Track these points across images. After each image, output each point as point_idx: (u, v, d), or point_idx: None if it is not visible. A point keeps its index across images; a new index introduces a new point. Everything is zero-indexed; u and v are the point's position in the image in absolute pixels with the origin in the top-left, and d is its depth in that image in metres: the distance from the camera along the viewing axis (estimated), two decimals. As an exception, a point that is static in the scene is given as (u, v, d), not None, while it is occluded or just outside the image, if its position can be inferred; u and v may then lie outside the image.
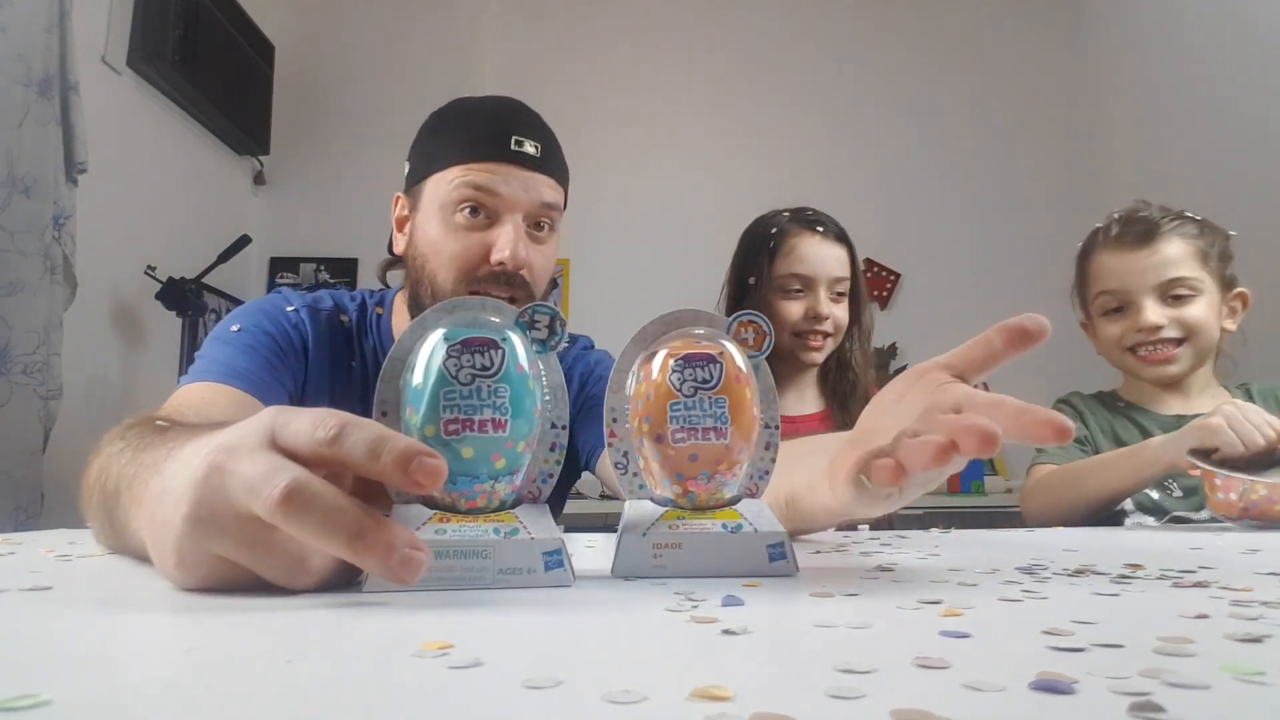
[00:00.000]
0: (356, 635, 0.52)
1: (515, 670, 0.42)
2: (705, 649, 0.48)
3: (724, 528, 0.79)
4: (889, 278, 5.39)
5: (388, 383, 0.77)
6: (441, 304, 0.80)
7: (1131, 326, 2.04)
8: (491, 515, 0.74)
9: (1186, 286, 2.00)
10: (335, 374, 1.58)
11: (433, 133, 1.60)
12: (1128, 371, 2.15)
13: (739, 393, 0.80)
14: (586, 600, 0.66)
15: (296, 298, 1.61)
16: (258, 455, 0.62)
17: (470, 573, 0.70)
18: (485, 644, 0.48)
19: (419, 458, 0.62)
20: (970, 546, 1.13)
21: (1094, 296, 2.12)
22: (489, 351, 0.73)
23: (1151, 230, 2.02)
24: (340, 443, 0.62)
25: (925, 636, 0.51)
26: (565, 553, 0.73)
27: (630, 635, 0.53)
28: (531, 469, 0.78)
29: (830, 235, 2.27)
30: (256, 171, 5.02)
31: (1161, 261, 2.00)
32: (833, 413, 2.29)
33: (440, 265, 1.52)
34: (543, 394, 0.79)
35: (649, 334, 0.86)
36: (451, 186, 1.51)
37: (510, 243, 1.49)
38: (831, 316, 2.22)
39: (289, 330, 1.54)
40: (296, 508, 0.59)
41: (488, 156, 1.52)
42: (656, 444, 0.80)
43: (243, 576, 0.64)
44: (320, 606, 0.61)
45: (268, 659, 0.45)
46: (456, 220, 1.51)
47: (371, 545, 0.59)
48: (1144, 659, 0.44)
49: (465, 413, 0.72)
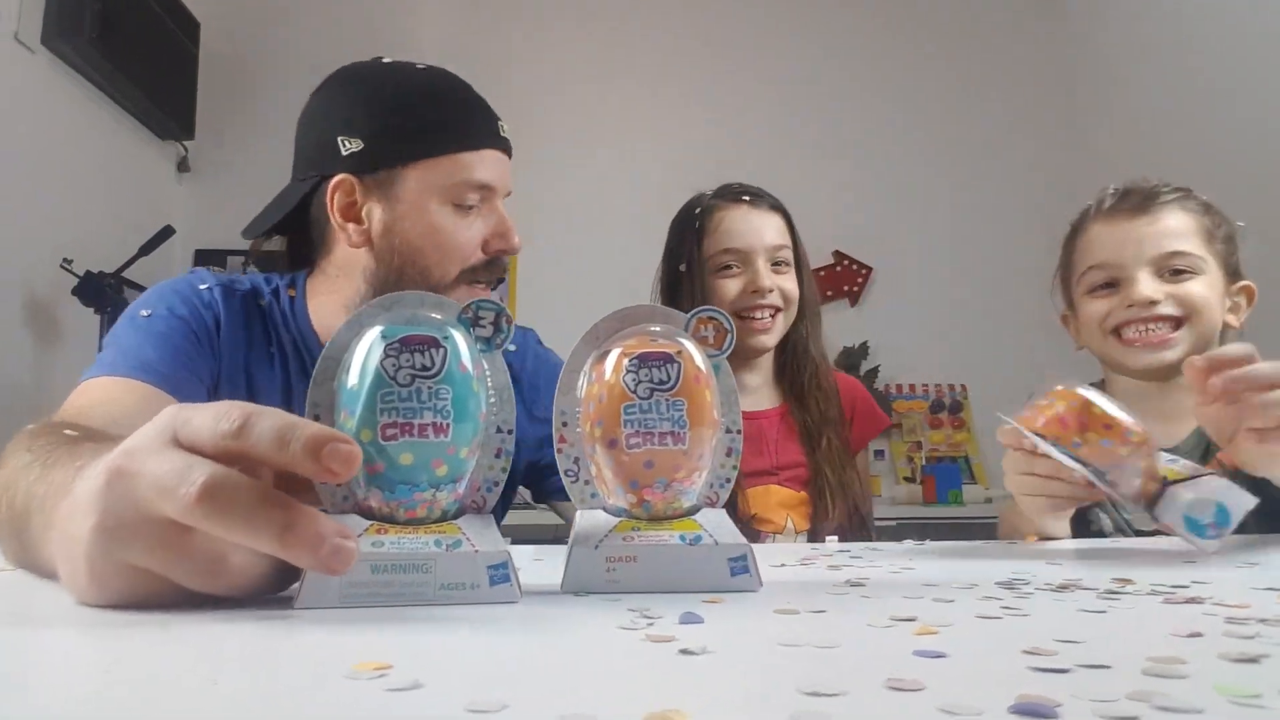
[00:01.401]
0: (286, 653, 0.51)
1: (457, 693, 0.42)
2: (661, 670, 0.48)
3: (682, 539, 0.79)
4: (860, 272, 5.38)
5: (320, 385, 0.76)
6: (378, 299, 0.80)
7: (1122, 302, 1.84)
8: (432, 526, 0.74)
9: (1187, 262, 1.82)
10: (253, 358, 1.57)
11: (398, 110, 1.58)
12: (1111, 364, 1.95)
13: (698, 394, 0.80)
14: (534, 617, 0.65)
15: (211, 276, 1.60)
16: (162, 454, 0.61)
17: (410, 588, 0.69)
18: (425, 664, 0.48)
19: (331, 444, 0.61)
20: (946, 559, 1.14)
21: (1081, 275, 1.94)
22: (429, 350, 0.73)
23: (1151, 198, 1.88)
24: (246, 434, 0.62)
25: (898, 656, 0.50)
26: (511, 567, 0.72)
27: (581, 655, 0.53)
28: (475, 477, 0.78)
29: (761, 204, 2.21)
30: (180, 157, 4.96)
31: (1161, 232, 1.84)
32: (790, 408, 2.21)
33: (441, 258, 1.54)
34: (487, 396, 0.78)
35: (601, 331, 0.86)
36: (455, 176, 1.53)
37: (508, 226, 1.57)
38: (777, 288, 2.13)
39: (201, 311, 1.53)
40: (218, 505, 0.59)
41: (484, 144, 1.56)
42: (609, 450, 0.80)
43: (159, 588, 0.63)
44: (247, 621, 0.60)
45: (192, 678, 0.45)
46: (456, 210, 1.54)
47: (301, 537, 0.59)
48: (1132, 680, 0.44)
49: (404, 416, 0.71)
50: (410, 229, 1.55)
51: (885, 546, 1.36)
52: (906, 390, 5.16)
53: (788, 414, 2.21)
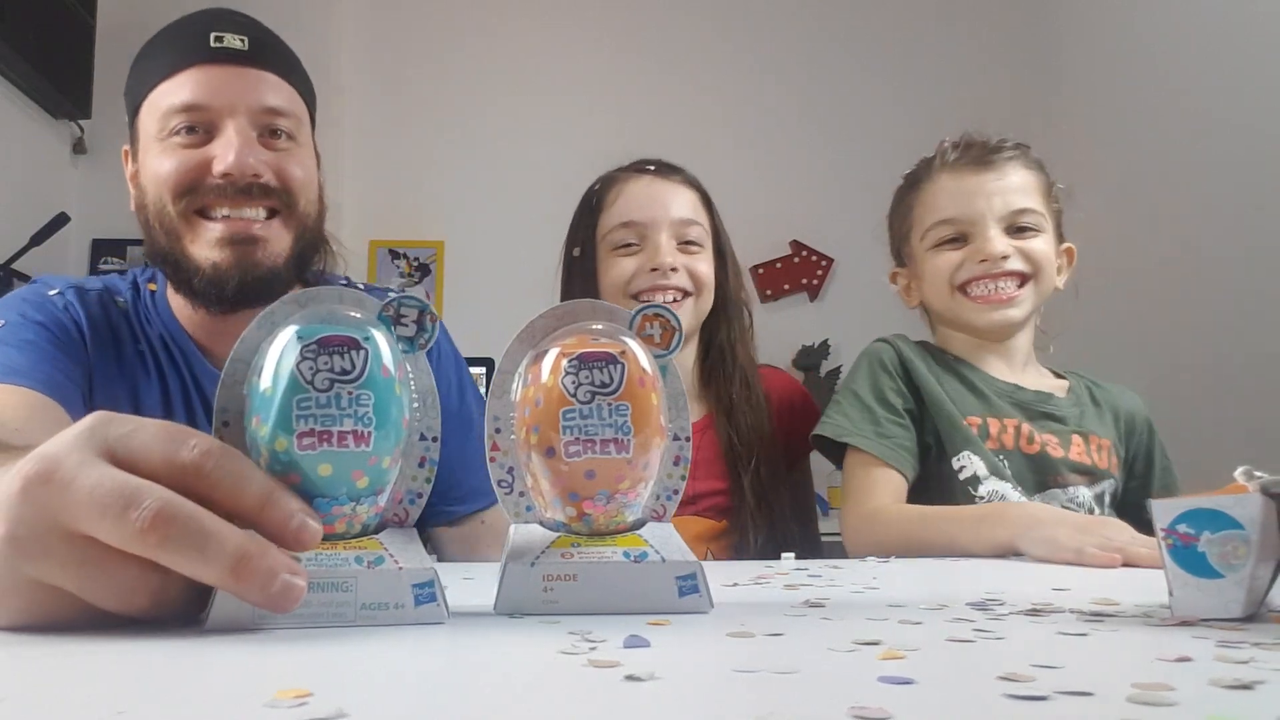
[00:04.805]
0: (199, 680, 0.51)
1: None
2: (605, 698, 0.48)
3: (626, 556, 0.78)
4: (820, 264, 5.39)
5: (229, 388, 0.75)
6: (291, 295, 0.79)
7: (973, 256, 1.96)
8: (353, 542, 0.73)
9: (1033, 219, 1.98)
10: (122, 361, 1.57)
11: (133, 67, 1.61)
12: (954, 321, 2.06)
13: (643, 398, 0.79)
14: (467, 641, 0.65)
15: (58, 281, 1.59)
16: (96, 469, 0.61)
17: (328, 608, 0.69)
18: (349, 692, 0.48)
19: (301, 518, 0.64)
20: (913, 578, 1.14)
21: (926, 229, 2.04)
22: (349, 352, 0.71)
23: (995, 151, 2.02)
24: (204, 473, 0.63)
25: (862, 683, 0.50)
26: (438, 585, 0.72)
27: (518, 682, 0.53)
28: (398, 488, 0.78)
29: (670, 175, 2.10)
30: (76, 138, 4.89)
31: (1009, 187, 1.98)
32: (714, 421, 2.10)
33: (160, 191, 1.52)
34: (411, 401, 0.78)
35: (538, 330, 0.86)
36: (158, 110, 1.52)
37: (232, 147, 1.49)
38: (683, 268, 2.01)
39: (59, 316, 1.52)
40: (170, 534, 0.59)
41: (186, 64, 1.52)
42: (547, 459, 0.79)
43: (62, 608, 0.63)
44: (156, 644, 0.60)
45: (96, 709, 0.44)
46: (173, 144, 1.51)
47: (255, 572, 0.60)
48: (1117, 708, 0.44)
49: (322, 424, 0.70)
50: (142, 179, 1.57)
51: (846, 564, 1.36)
52: (870, 393, 5.15)
53: (710, 427, 2.10)
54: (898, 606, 0.83)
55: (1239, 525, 0.72)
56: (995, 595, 0.92)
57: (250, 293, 1.50)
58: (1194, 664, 0.56)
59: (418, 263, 5.19)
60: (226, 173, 1.47)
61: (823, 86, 5.51)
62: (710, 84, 5.47)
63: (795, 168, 5.31)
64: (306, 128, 1.63)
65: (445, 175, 5.23)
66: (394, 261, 5.19)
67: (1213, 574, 0.73)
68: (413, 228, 5.19)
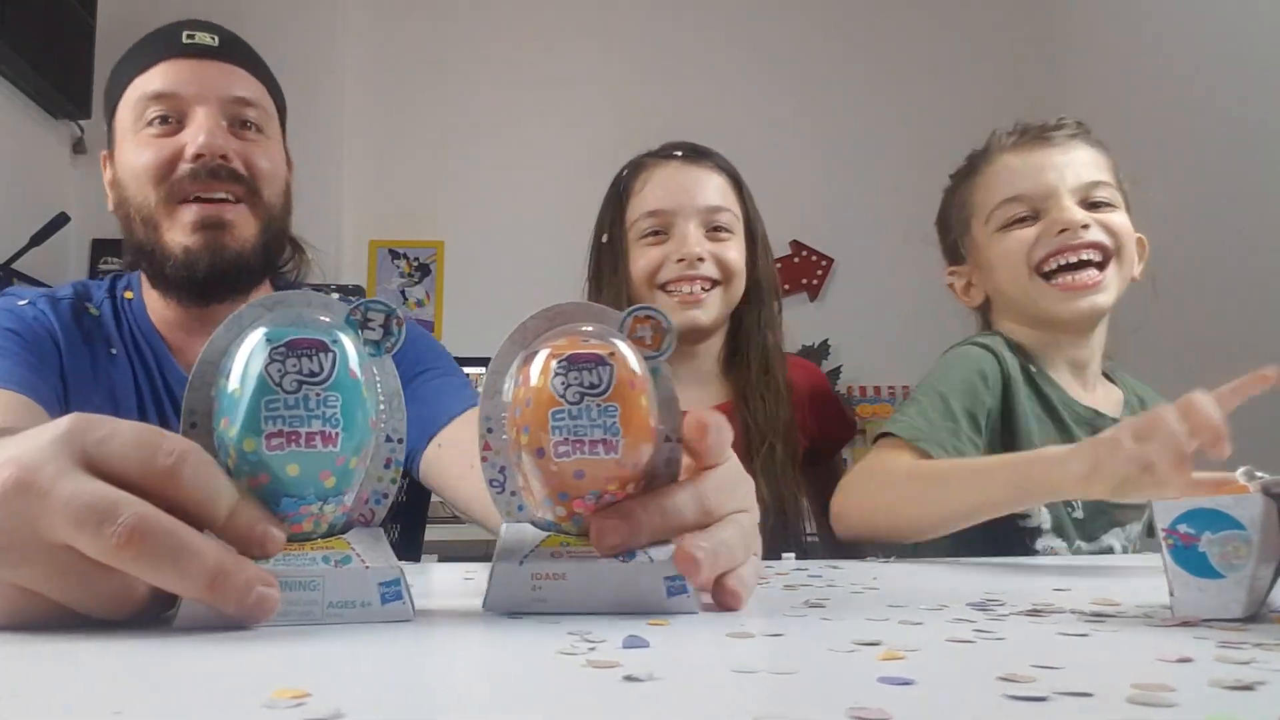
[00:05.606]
0: (197, 680, 0.51)
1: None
2: (605, 698, 0.47)
3: (615, 556, 0.78)
4: (820, 264, 5.41)
5: (197, 390, 0.76)
6: (260, 299, 0.80)
7: (1051, 228, 1.75)
8: (319, 542, 0.75)
9: (1108, 194, 1.80)
10: (96, 366, 1.59)
11: (110, 75, 1.66)
12: (1030, 311, 1.85)
13: (632, 399, 0.79)
14: (466, 641, 0.66)
15: (27, 292, 1.62)
16: (73, 478, 0.61)
17: (296, 606, 0.69)
18: (346, 692, 0.48)
19: (265, 527, 0.66)
20: (913, 578, 1.14)
21: (991, 211, 1.86)
22: (318, 355, 0.73)
23: (1058, 130, 1.85)
24: (179, 479, 0.64)
25: (861, 684, 0.50)
26: (405, 583, 0.73)
27: (519, 681, 0.53)
28: (364, 489, 0.79)
29: (700, 161, 2.05)
30: (76, 139, 4.92)
31: (1080, 160, 1.81)
32: (736, 405, 2.01)
33: (137, 184, 1.55)
34: (377, 403, 0.79)
35: (529, 330, 0.85)
36: (132, 102, 1.57)
37: (202, 129, 1.54)
38: (711, 257, 1.95)
39: (31, 324, 1.54)
40: (146, 548, 0.59)
41: (159, 59, 1.58)
42: (537, 459, 0.78)
43: (43, 611, 0.63)
44: (154, 645, 0.60)
45: (93, 709, 0.44)
46: (147, 135, 1.55)
47: (231, 585, 0.61)
48: (1117, 709, 0.44)
49: (290, 425, 0.71)
50: (119, 176, 1.60)
51: (847, 564, 1.36)
52: (871, 393, 5.18)
53: (733, 413, 1.97)
54: (897, 607, 0.83)
55: (1240, 525, 0.72)
56: (995, 595, 0.92)
57: (220, 277, 1.55)
58: (1194, 665, 0.56)
59: (418, 263, 5.20)
60: (198, 153, 1.52)
61: (823, 86, 5.53)
62: (710, 84, 5.48)
63: (795, 168, 5.29)
64: (275, 123, 1.69)
65: (445, 175, 5.26)
66: (394, 261, 5.20)
67: (1213, 574, 0.73)
68: (413, 228, 5.21)
